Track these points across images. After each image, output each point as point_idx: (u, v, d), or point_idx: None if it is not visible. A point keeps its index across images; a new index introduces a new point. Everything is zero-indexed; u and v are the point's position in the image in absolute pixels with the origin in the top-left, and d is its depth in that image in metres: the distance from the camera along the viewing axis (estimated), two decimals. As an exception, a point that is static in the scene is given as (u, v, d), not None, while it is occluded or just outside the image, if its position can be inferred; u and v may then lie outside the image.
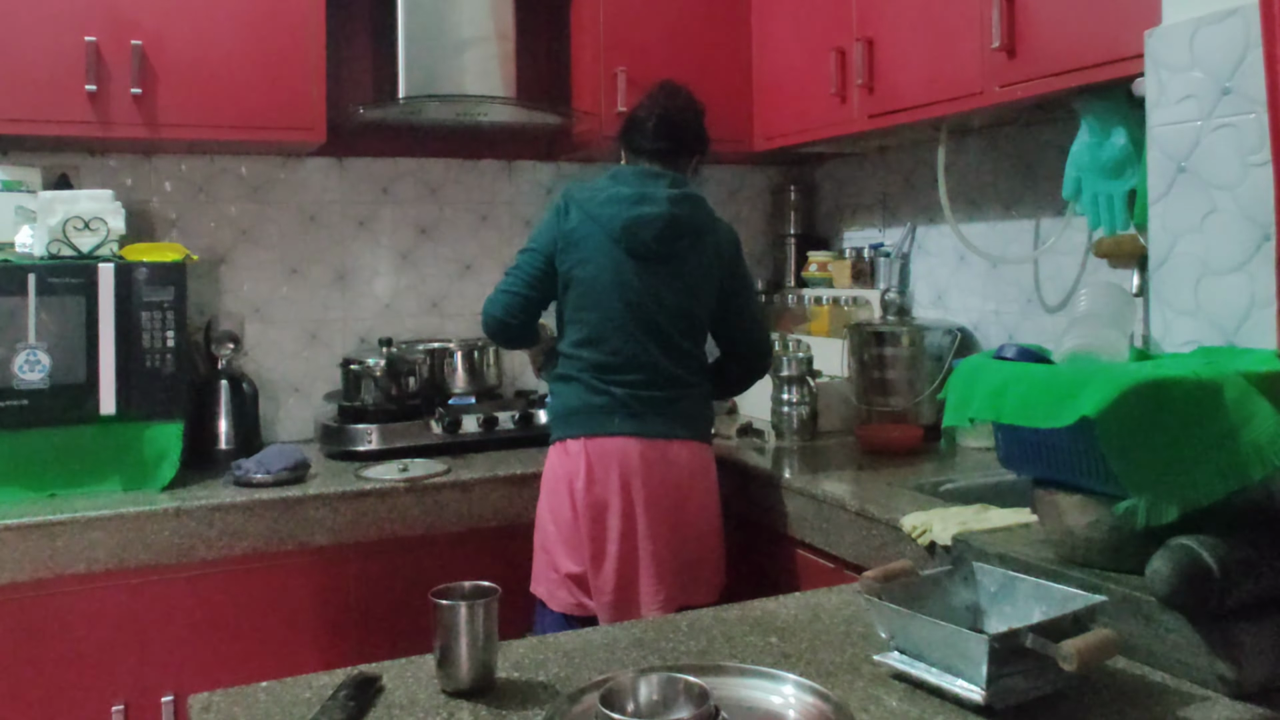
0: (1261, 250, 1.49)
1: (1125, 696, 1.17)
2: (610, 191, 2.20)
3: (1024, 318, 2.61)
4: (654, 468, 2.15)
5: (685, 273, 2.22)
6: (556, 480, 2.19)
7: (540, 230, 2.26)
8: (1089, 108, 2.08)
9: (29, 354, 2.21)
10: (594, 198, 2.20)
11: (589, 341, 2.20)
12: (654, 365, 2.19)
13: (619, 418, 2.16)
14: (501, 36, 2.86)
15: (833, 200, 3.38)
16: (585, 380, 2.19)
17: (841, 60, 2.63)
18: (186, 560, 2.20)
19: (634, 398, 2.17)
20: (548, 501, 2.22)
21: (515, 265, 2.26)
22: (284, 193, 2.95)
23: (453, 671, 1.22)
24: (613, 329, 2.18)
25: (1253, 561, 1.19)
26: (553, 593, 2.19)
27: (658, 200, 2.19)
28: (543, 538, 2.23)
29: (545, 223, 2.26)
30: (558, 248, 2.20)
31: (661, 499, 2.15)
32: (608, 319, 2.18)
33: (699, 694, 1.04)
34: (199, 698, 1.21)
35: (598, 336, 2.19)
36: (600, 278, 2.17)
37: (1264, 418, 1.23)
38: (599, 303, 2.18)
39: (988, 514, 1.75)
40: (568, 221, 2.20)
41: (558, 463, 2.20)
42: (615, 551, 2.13)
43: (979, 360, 1.49)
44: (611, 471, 2.14)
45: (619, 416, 2.16)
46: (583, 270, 2.18)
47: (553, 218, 2.24)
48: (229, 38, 2.51)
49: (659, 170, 2.26)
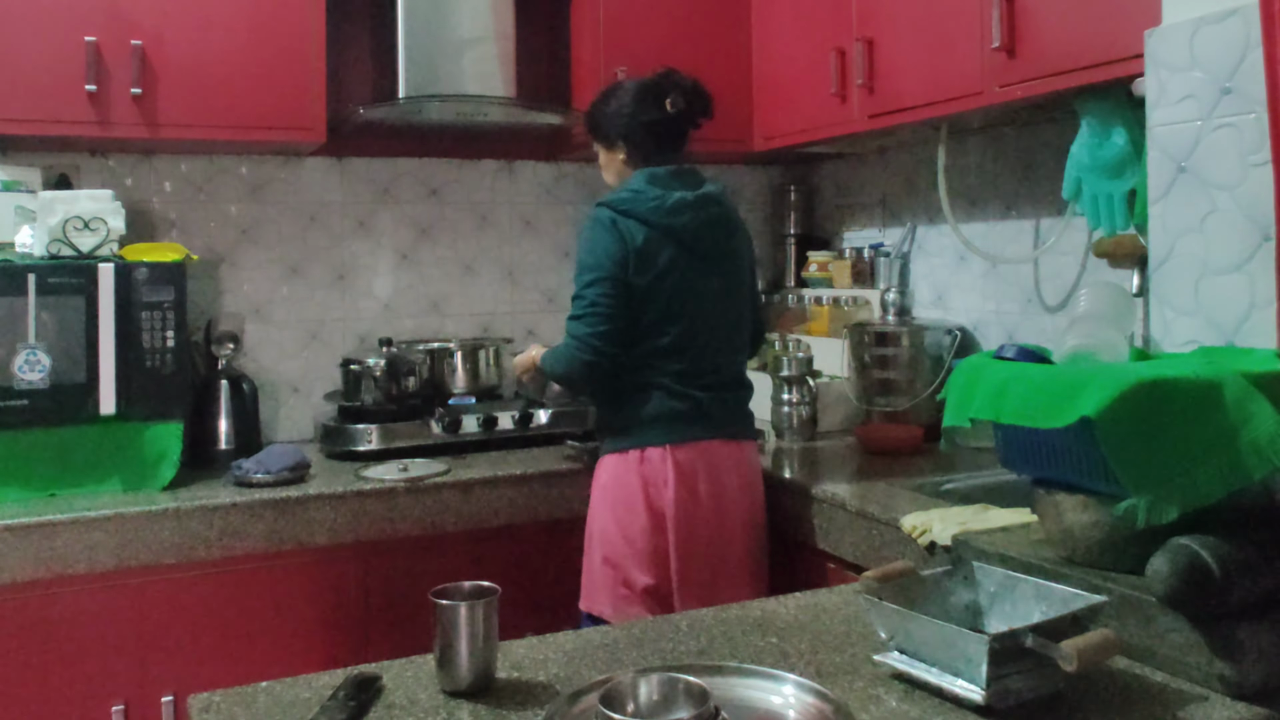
0: (1261, 250, 1.49)
1: (1125, 696, 1.18)
2: (666, 199, 2.13)
3: (1024, 318, 2.61)
4: (738, 468, 2.17)
5: (738, 269, 2.25)
6: (630, 490, 2.11)
7: (601, 255, 2.10)
8: (1089, 108, 2.08)
9: (29, 354, 2.21)
10: (656, 208, 2.11)
11: (672, 351, 2.13)
12: (727, 366, 2.21)
13: (703, 422, 2.13)
14: (501, 36, 2.86)
15: (833, 200, 3.38)
16: (666, 386, 2.13)
17: (841, 60, 2.63)
18: (186, 560, 2.20)
19: (714, 400, 2.16)
20: (616, 513, 2.12)
21: (590, 303, 2.09)
22: (284, 193, 2.95)
23: (453, 671, 1.22)
24: (693, 337, 2.14)
25: (1253, 561, 1.19)
26: (623, 610, 2.09)
27: (711, 199, 2.19)
28: (610, 551, 2.12)
29: (602, 245, 2.10)
30: (631, 268, 2.08)
31: (741, 498, 2.17)
32: (690, 328, 2.14)
33: (699, 694, 1.04)
34: (199, 698, 1.22)
35: (681, 346, 2.13)
36: (680, 289, 2.12)
37: (1264, 418, 1.23)
38: (682, 313, 2.13)
39: (988, 514, 1.75)
40: (633, 239, 2.09)
41: (630, 471, 2.12)
42: (705, 555, 2.10)
43: (979, 360, 1.49)
44: (700, 476, 2.11)
45: (703, 421, 2.13)
46: (661, 284, 2.10)
47: (610, 238, 2.10)
48: (229, 38, 2.52)
49: (689, 167, 2.25)
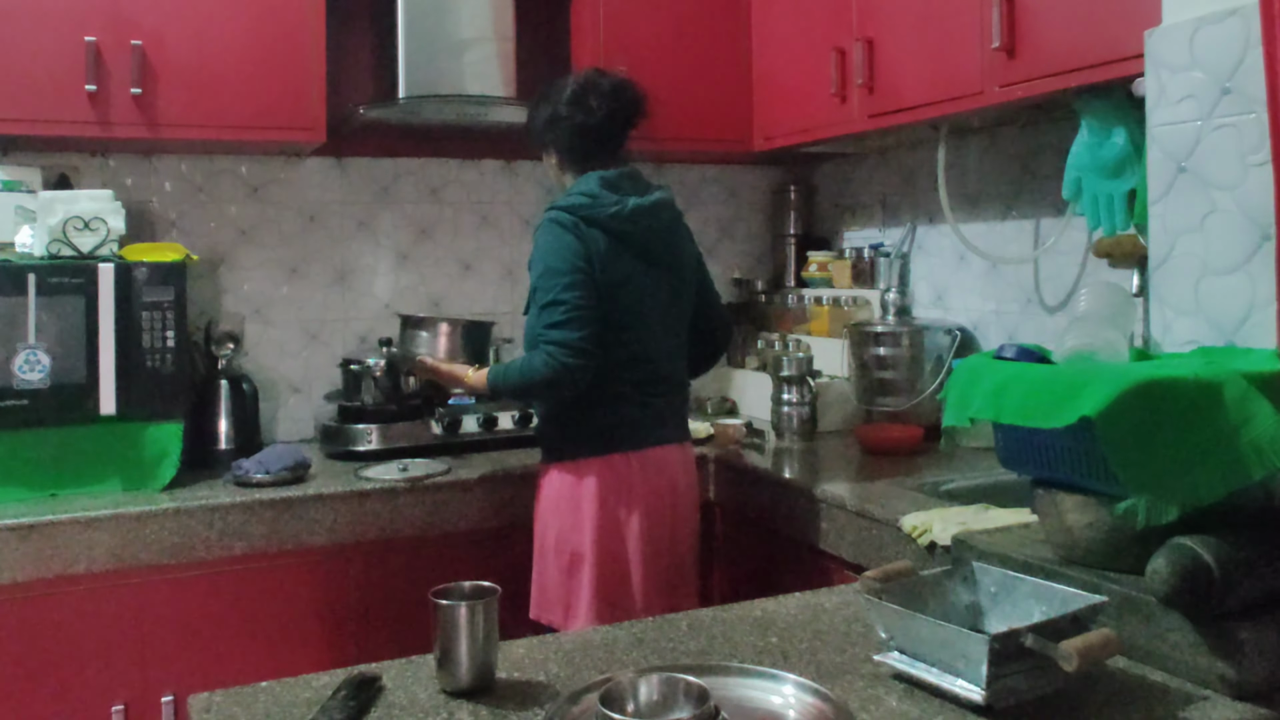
0: (1261, 250, 1.49)
1: (1125, 696, 1.18)
2: (625, 205, 2.07)
3: (1024, 318, 2.61)
4: (686, 471, 2.19)
5: (686, 274, 2.22)
6: (592, 500, 2.06)
7: (572, 258, 2.02)
8: (1089, 108, 2.08)
9: (29, 354, 2.21)
10: (616, 214, 2.06)
11: (631, 361, 2.09)
12: (677, 372, 2.21)
13: (660, 429, 2.13)
14: (501, 37, 2.86)
15: (833, 200, 3.38)
16: (627, 395, 2.10)
17: (841, 60, 2.63)
18: (186, 560, 2.20)
19: (667, 406, 2.16)
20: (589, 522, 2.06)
21: (572, 306, 1.99)
22: (284, 193, 2.95)
23: (453, 671, 1.22)
24: (650, 344, 2.12)
25: (1253, 561, 1.19)
26: (586, 617, 2.05)
27: (665, 206, 2.15)
28: (574, 561, 2.07)
29: (570, 249, 2.02)
30: (596, 271, 2.03)
31: (689, 500, 2.19)
32: (647, 336, 2.11)
33: (699, 694, 1.04)
34: (199, 698, 1.22)
35: (640, 355, 2.11)
36: (637, 298, 2.09)
37: (1264, 418, 1.23)
38: (638, 321, 2.10)
39: (988, 514, 1.75)
40: (596, 245, 2.04)
41: (593, 480, 2.07)
42: (667, 558, 2.12)
43: (979, 360, 1.49)
44: (662, 482, 2.11)
45: (660, 428, 2.14)
46: (621, 293, 2.06)
47: (576, 243, 2.03)
48: (229, 38, 2.51)
49: (635, 169, 2.20)
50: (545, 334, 2.00)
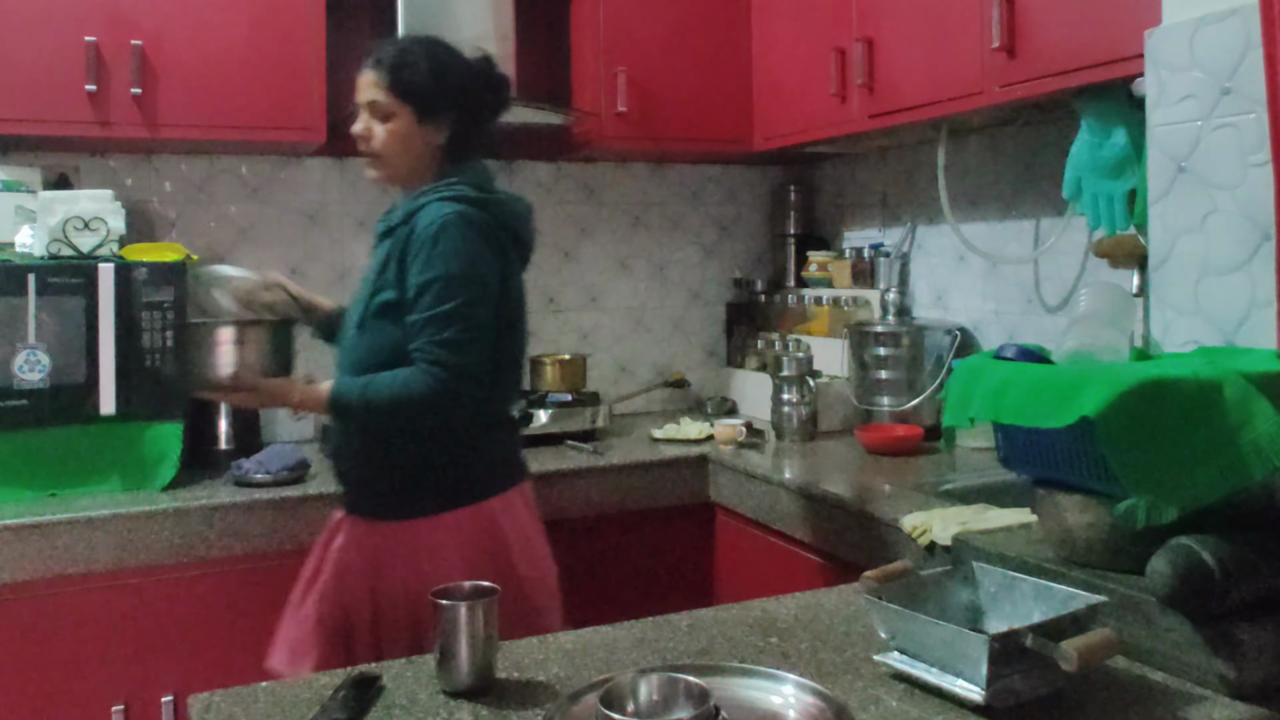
0: (1261, 250, 1.49)
1: (1125, 696, 1.18)
2: (520, 209, 1.88)
3: (1024, 318, 2.61)
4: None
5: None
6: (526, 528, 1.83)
7: (483, 268, 1.74)
8: (1089, 108, 2.08)
9: (29, 354, 2.21)
10: (521, 220, 1.87)
11: (512, 384, 1.89)
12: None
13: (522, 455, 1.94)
14: (501, 37, 2.86)
15: (833, 200, 3.38)
16: (508, 421, 1.90)
17: (841, 60, 2.63)
18: (186, 560, 2.20)
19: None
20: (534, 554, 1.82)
21: (476, 325, 1.71)
22: (284, 193, 2.95)
23: (453, 671, 1.22)
24: (522, 367, 1.93)
25: (1253, 561, 1.19)
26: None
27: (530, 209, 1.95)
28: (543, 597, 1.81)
29: (483, 257, 1.74)
30: (502, 285, 1.79)
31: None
32: (522, 358, 1.91)
33: (699, 694, 1.04)
34: (199, 698, 1.22)
35: (518, 378, 1.92)
36: (524, 312, 1.88)
37: (1264, 418, 1.23)
38: (521, 344, 1.89)
39: (988, 514, 1.75)
40: (505, 254, 1.81)
41: (520, 509, 1.83)
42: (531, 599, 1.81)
43: (979, 360, 1.49)
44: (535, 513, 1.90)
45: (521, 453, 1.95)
46: (519, 307, 1.85)
47: (490, 251, 1.76)
48: (229, 38, 2.52)
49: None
50: (434, 351, 1.68)
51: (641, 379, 3.34)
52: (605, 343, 3.31)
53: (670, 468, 2.62)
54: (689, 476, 2.63)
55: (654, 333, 3.37)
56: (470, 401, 1.71)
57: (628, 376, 3.33)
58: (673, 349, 3.40)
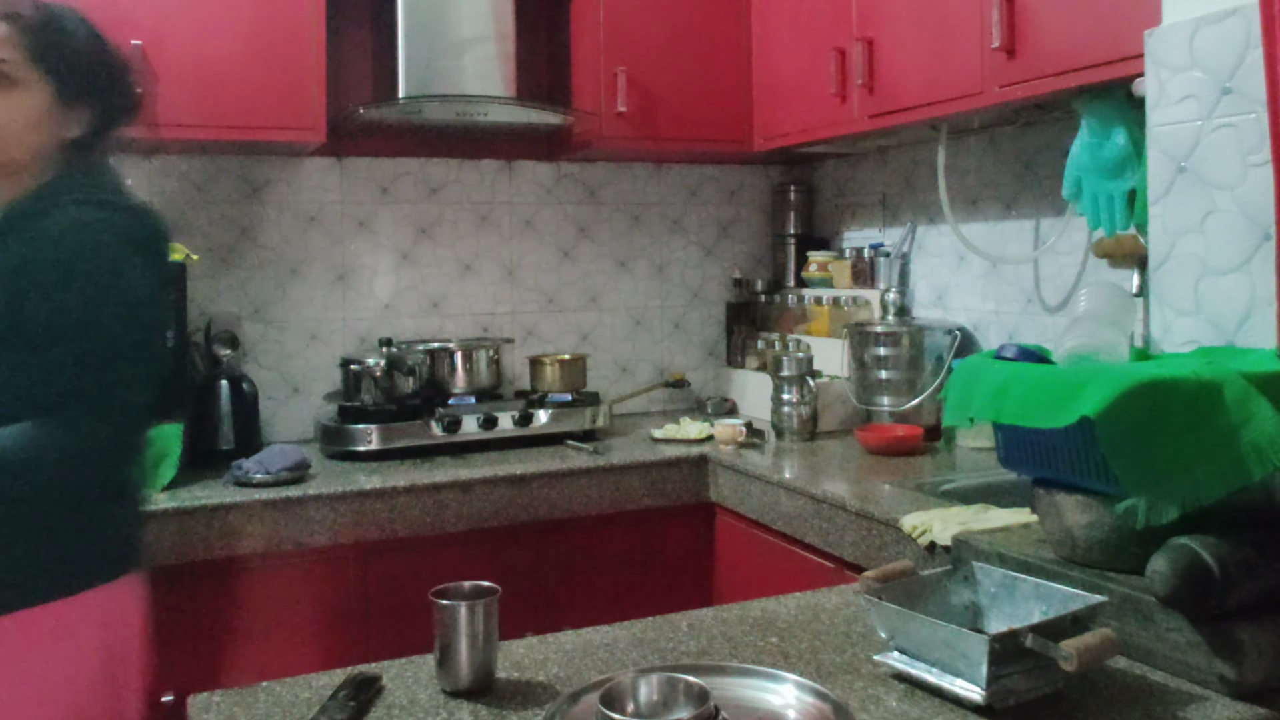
0: (1261, 250, 1.49)
1: (1125, 696, 1.18)
2: (160, 221, 1.55)
3: (1024, 318, 2.61)
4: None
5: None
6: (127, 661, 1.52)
7: (143, 298, 1.44)
8: (1089, 108, 2.08)
9: (29, 354, 2.21)
10: (162, 235, 1.54)
11: (143, 440, 1.55)
12: None
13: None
14: (501, 36, 2.86)
15: (833, 200, 3.38)
16: (132, 487, 1.54)
17: (841, 60, 2.63)
18: (186, 560, 2.20)
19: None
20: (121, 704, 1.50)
21: (130, 379, 1.41)
22: (284, 193, 2.95)
23: (453, 671, 1.22)
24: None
25: (1253, 561, 1.19)
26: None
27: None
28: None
29: (143, 283, 1.43)
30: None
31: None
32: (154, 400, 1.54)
33: (699, 694, 1.04)
34: (199, 698, 1.22)
35: (146, 428, 1.58)
36: (165, 354, 1.63)
37: (1264, 418, 1.23)
38: (154, 383, 1.51)
39: (988, 514, 1.75)
40: (153, 280, 1.49)
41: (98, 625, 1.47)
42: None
43: (979, 360, 1.49)
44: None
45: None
46: (160, 349, 1.58)
47: (145, 275, 1.45)
48: (229, 37, 2.51)
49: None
50: (69, 409, 1.33)
51: (641, 379, 3.34)
52: (605, 343, 3.31)
53: (670, 468, 2.62)
54: (689, 477, 2.63)
55: (654, 333, 3.37)
56: (109, 466, 1.40)
57: (628, 376, 3.33)
58: (672, 349, 3.40)
